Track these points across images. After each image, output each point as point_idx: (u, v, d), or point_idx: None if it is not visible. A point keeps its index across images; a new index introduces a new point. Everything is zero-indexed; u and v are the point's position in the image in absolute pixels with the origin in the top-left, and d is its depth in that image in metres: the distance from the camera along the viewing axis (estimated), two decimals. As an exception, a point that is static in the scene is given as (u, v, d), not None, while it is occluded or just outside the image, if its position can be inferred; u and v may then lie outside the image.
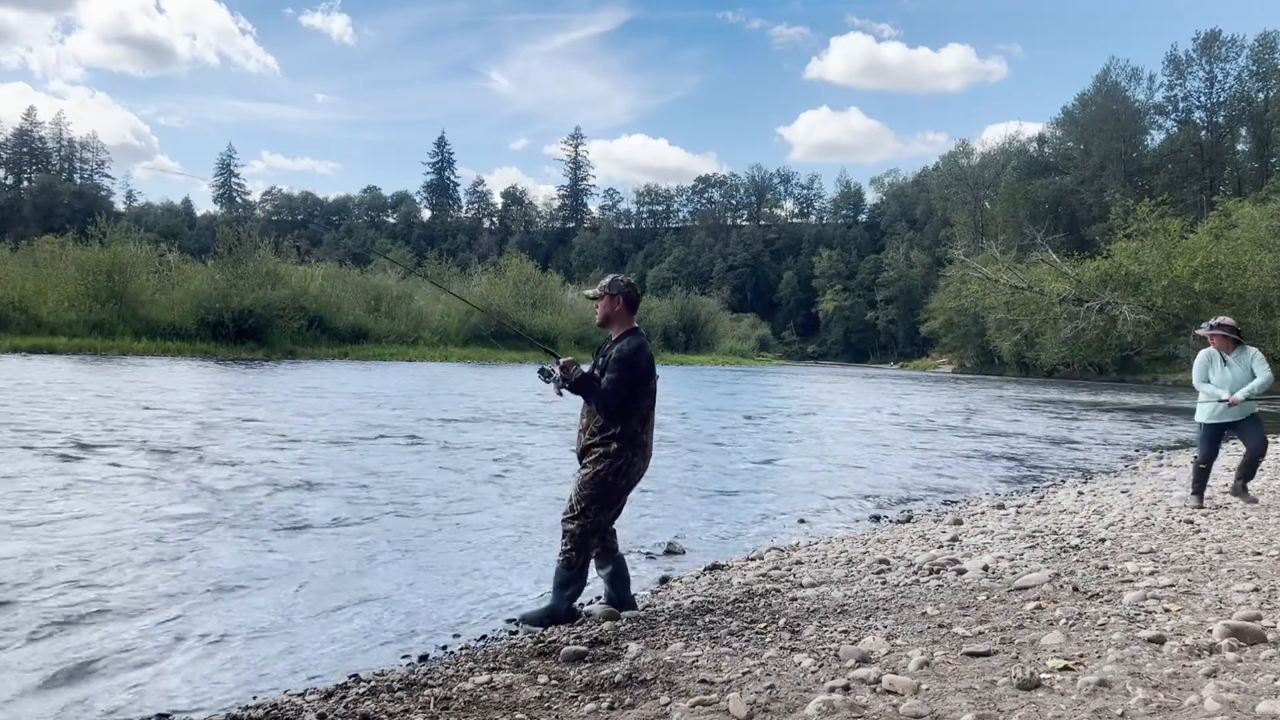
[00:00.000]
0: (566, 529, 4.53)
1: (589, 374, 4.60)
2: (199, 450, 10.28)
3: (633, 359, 4.51)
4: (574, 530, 4.50)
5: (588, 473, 4.52)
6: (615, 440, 4.48)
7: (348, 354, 40.57)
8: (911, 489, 10.13)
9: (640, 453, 4.56)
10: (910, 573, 5.37)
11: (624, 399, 4.47)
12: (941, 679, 3.27)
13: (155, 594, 4.95)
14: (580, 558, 4.53)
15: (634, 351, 4.53)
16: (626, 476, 4.54)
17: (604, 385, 4.50)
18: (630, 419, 4.51)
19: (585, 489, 4.49)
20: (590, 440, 4.56)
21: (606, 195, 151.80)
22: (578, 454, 4.67)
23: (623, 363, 4.49)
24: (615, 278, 4.78)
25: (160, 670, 3.92)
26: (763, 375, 49.51)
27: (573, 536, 4.50)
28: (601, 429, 4.52)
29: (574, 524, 4.50)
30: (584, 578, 4.61)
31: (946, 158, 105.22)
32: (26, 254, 44.03)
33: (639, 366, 4.52)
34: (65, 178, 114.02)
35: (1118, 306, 47.84)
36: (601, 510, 4.51)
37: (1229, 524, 6.53)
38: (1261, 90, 71.99)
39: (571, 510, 4.53)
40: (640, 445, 4.55)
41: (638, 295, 4.78)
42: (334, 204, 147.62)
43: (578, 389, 4.54)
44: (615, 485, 4.51)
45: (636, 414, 4.53)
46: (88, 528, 6.35)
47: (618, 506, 4.61)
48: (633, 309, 4.71)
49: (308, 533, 6.57)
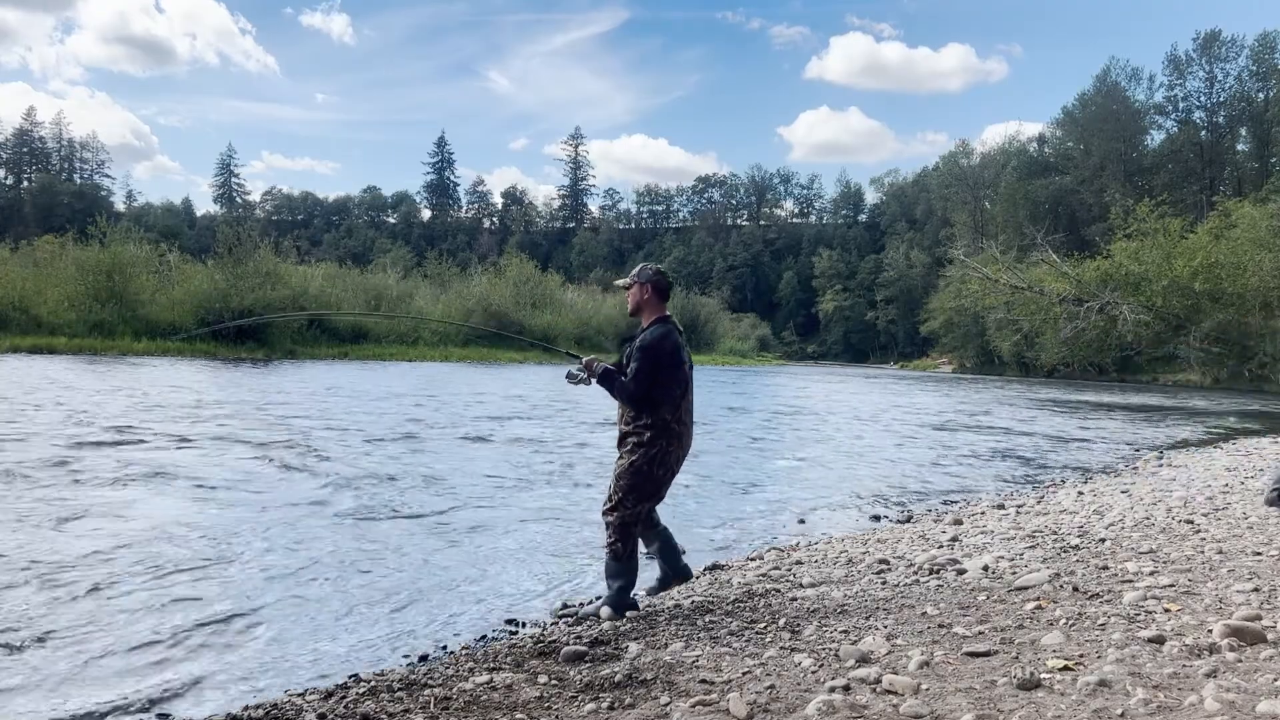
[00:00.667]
0: (607, 520, 4.59)
1: (611, 367, 4.67)
2: (201, 450, 10.29)
3: (655, 346, 4.53)
4: (614, 521, 4.56)
5: (624, 463, 4.57)
6: (648, 429, 4.52)
7: (348, 354, 40.54)
8: (911, 489, 10.13)
9: (675, 441, 4.57)
10: (910, 573, 5.37)
11: (646, 387, 4.50)
12: (941, 679, 3.27)
13: (154, 593, 4.95)
14: (626, 547, 4.58)
15: (658, 339, 4.55)
16: (663, 465, 4.56)
17: (627, 374, 4.54)
18: (660, 407, 4.53)
19: (622, 479, 4.55)
20: (625, 429, 4.62)
21: (606, 195, 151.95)
22: (617, 444, 4.72)
23: (645, 350, 4.52)
24: (645, 266, 4.82)
25: (160, 670, 3.91)
26: (763, 375, 49.51)
27: (614, 528, 4.56)
28: (634, 419, 4.56)
29: (613, 515, 4.56)
30: (634, 566, 4.66)
31: (946, 158, 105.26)
32: (26, 254, 44.01)
33: (662, 354, 4.53)
34: (65, 178, 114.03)
35: (1118, 306, 47.89)
36: (640, 500, 4.56)
37: (1229, 524, 6.53)
38: (1261, 90, 71.98)
39: (610, 501, 4.59)
40: (674, 434, 4.57)
41: (669, 283, 4.80)
42: (334, 204, 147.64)
43: (602, 383, 4.62)
44: (652, 474, 4.54)
45: (667, 402, 4.54)
46: (77, 537, 6.35)
47: (657, 496, 4.64)
48: (663, 297, 4.74)
49: (308, 532, 6.57)
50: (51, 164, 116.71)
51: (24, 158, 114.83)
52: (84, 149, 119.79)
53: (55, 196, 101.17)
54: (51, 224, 76.13)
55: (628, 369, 4.57)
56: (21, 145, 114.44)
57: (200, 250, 61.55)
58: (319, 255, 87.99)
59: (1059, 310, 51.63)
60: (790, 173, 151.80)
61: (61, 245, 42.96)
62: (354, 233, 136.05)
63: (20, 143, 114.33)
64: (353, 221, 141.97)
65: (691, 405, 4.70)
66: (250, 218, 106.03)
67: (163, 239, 53.49)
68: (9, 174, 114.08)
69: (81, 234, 41.12)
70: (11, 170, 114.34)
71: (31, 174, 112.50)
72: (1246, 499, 7.85)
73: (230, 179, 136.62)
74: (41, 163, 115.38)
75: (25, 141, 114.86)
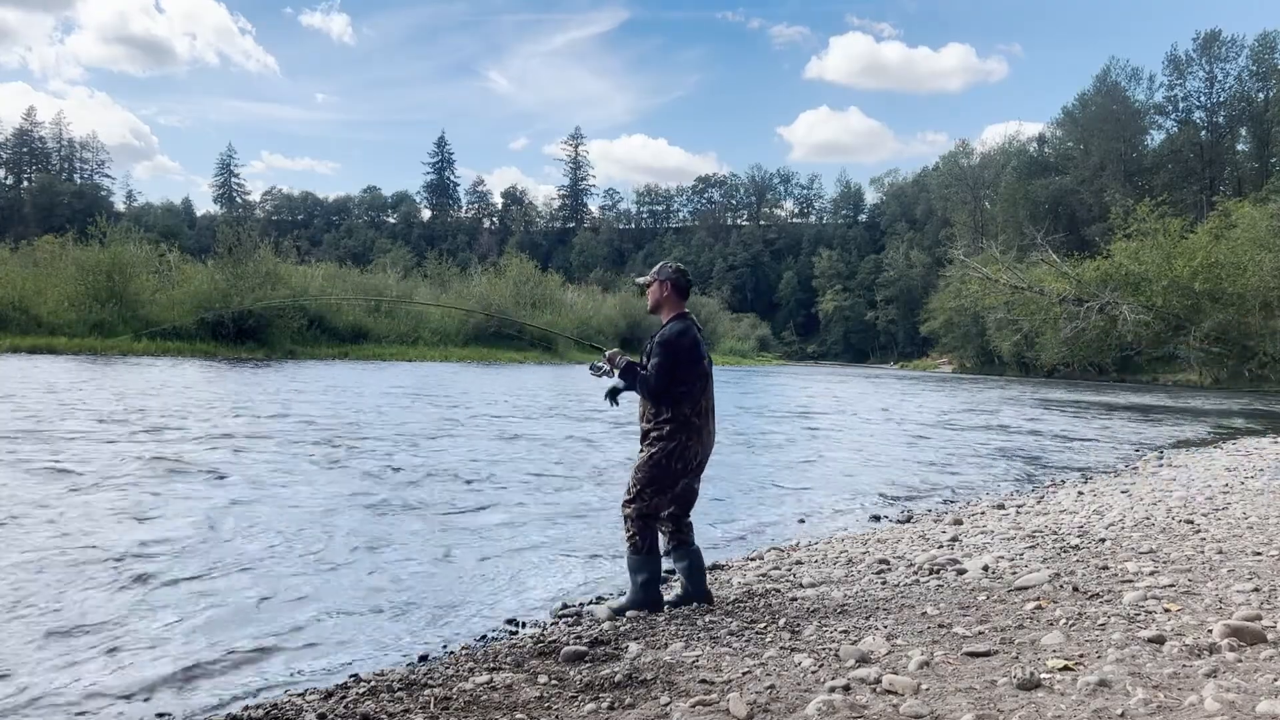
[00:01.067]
0: (625, 514, 4.65)
1: (633, 362, 4.74)
2: (203, 451, 10.29)
3: (674, 342, 4.60)
4: (631, 514, 4.62)
5: (644, 456, 4.63)
6: (669, 424, 4.58)
7: (348, 354, 40.54)
8: (912, 489, 10.12)
9: (695, 437, 4.61)
10: (910, 573, 5.37)
11: (665, 382, 4.56)
12: (941, 679, 3.27)
13: (155, 593, 4.95)
14: (645, 541, 4.61)
15: (676, 335, 4.63)
16: (682, 460, 4.60)
17: (648, 369, 4.61)
18: (680, 404, 4.59)
19: (640, 472, 4.61)
20: (646, 425, 4.68)
21: (606, 195, 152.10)
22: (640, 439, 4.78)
23: (664, 346, 4.60)
24: (665, 264, 4.88)
25: (160, 670, 3.91)
26: (763, 375, 49.51)
27: (632, 520, 4.62)
28: (655, 414, 4.63)
29: (630, 507, 4.62)
30: (656, 559, 4.68)
31: (946, 158, 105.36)
32: (26, 254, 44.01)
33: (680, 349, 4.60)
34: (65, 178, 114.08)
35: (1118, 306, 47.89)
36: (657, 493, 4.60)
37: (1229, 524, 6.53)
38: (1261, 90, 72.03)
39: (628, 493, 4.66)
40: (694, 429, 4.61)
41: (688, 281, 4.87)
42: (334, 204, 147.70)
43: (624, 376, 4.69)
44: (670, 468, 4.58)
45: (687, 398, 4.60)
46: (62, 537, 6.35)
47: (674, 490, 4.65)
48: (682, 295, 4.81)
49: (309, 532, 6.56)
50: (51, 164, 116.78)
51: (24, 158, 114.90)
52: (84, 149, 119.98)
53: (55, 196, 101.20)
54: (51, 224, 76.17)
55: (647, 364, 4.64)
56: (21, 145, 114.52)
57: (200, 250, 61.63)
58: (319, 255, 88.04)
59: (1059, 310, 51.64)
60: (790, 173, 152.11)
61: (61, 245, 42.95)
62: (354, 233, 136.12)
63: (20, 143, 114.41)
64: (353, 221, 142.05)
65: (713, 403, 4.76)
66: (250, 218, 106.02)
67: (163, 239, 53.46)
68: (9, 174, 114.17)
69: (81, 234, 41.14)
70: (11, 170, 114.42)
71: (31, 174, 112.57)
72: (1246, 499, 7.85)
73: (230, 179, 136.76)
74: (41, 163, 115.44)
75: (25, 141, 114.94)
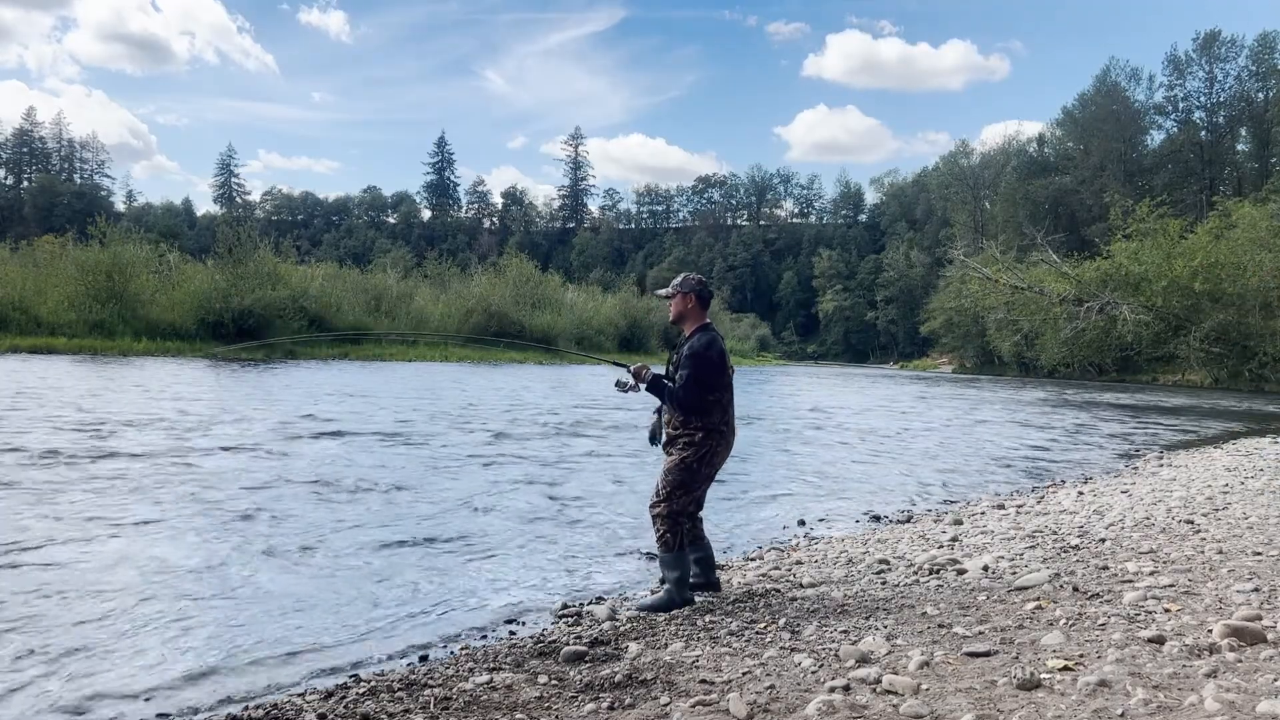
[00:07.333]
0: (655, 514, 4.77)
1: (660, 375, 4.85)
2: (201, 452, 10.28)
3: (704, 354, 4.72)
4: (662, 513, 4.74)
5: (674, 459, 4.75)
6: (700, 430, 4.72)
7: (348, 354, 40.50)
8: (912, 489, 10.12)
9: (722, 441, 4.79)
10: (910, 573, 5.37)
11: (697, 394, 4.68)
12: (941, 679, 3.27)
13: (154, 592, 4.95)
14: (676, 539, 4.75)
15: (705, 346, 4.74)
16: (709, 464, 4.78)
17: (678, 382, 4.73)
18: (710, 413, 4.72)
19: (671, 474, 4.73)
20: (674, 432, 4.79)
21: (606, 195, 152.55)
22: (663, 445, 4.88)
23: (694, 358, 4.71)
24: (687, 276, 5.01)
25: (159, 670, 3.91)
26: (763, 376, 49.49)
27: (662, 519, 4.74)
28: (684, 422, 4.75)
29: (661, 507, 4.74)
30: (687, 558, 4.81)
31: (946, 158, 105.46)
32: (26, 254, 43.98)
33: (710, 361, 4.72)
34: (65, 178, 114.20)
35: (1118, 307, 47.87)
36: (685, 494, 4.75)
37: (1229, 524, 6.52)
38: (1261, 90, 72.01)
39: (658, 495, 4.77)
40: (721, 434, 4.78)
41: (710, 292, 5.00)
42: (334, 204, 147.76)
43: (652, 390, 4.80)
44: (699, 472, 4.74)
45: (716, 407, 4.74)
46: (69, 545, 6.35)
47: (698, 492, 4.82)
48: (705, 305, 4.95)
49: (309, 532, 6.56)
50: (51, 164, 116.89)
51: (24, 158, 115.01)
52: (84, 149, 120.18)
53: (55, 196, 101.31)
54: (51, 224, 76.29)
55: (676, 376, 4.75)
56: (21, 145, 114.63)
57: (200, 250, 61.53)
58: (319, 255, 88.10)
59: (1059, 310, 51.62)
60: (790, 173, 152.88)
61: (61, 245, 42.92)
62: (354, 233, 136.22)
63: (20, 143, 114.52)
64: (352, 221, 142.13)
65: (733, 408, 4.89)
66: (250, 218, 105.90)
67: (163, 239, 53.51)
68: (9, 174, 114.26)
69: (81, 234, 41.14)
70: (11, 170, 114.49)
71: (31, 174, 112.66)
72: (1246, 499, 7.85)
73: (230, 179, 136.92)
74: (41, 163, 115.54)
75: (25, 141, 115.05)
